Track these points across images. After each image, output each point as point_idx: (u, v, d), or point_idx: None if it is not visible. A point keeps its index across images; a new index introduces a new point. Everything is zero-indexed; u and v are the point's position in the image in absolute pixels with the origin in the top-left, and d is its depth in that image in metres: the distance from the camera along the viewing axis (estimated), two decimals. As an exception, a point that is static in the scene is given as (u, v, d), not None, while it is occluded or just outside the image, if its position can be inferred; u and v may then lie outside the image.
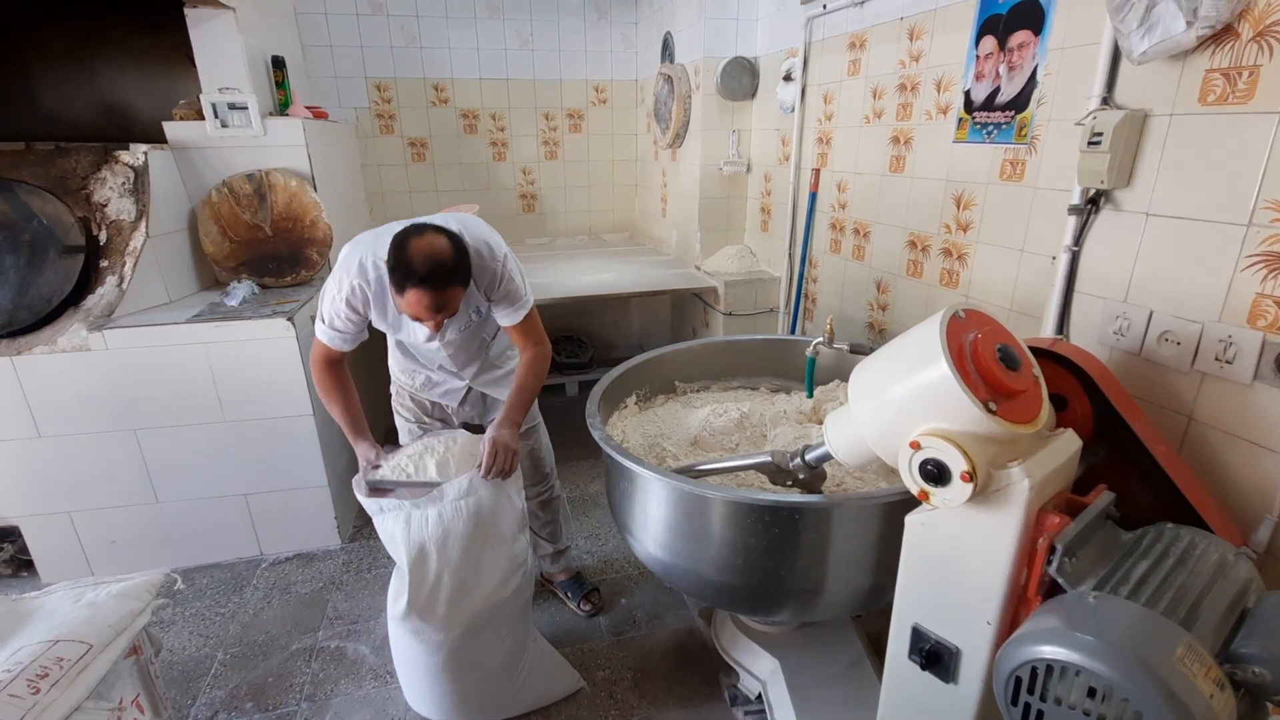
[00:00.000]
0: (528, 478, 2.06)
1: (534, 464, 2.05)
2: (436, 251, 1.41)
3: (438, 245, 1.42)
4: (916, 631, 1.08)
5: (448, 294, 1.44)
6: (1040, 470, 0.93)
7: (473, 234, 1.60)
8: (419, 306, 1.43)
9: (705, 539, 1.41)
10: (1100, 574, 0.93)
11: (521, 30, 3.72)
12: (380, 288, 1.58)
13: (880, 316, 2.34)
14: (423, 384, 1.88)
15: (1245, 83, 1.15)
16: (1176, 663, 0.77)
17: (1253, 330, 1.17)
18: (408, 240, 1.41)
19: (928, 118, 2.00)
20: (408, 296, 1.42)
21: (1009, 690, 0.88)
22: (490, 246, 1.62)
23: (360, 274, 1.56)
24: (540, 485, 2.09)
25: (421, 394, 1.90)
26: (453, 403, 1.91)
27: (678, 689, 1.88)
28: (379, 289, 1.58)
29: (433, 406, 1.93)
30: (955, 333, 0.96)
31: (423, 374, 1.86)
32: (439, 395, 1.89)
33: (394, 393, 1.96)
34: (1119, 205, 1.39)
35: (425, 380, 1.87)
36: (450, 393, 1.88)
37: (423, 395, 1.90)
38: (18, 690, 0.92)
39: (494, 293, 1.65)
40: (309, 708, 1.83)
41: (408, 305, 1.45)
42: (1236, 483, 1.23)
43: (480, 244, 1.60)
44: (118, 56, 2.88)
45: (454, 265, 1.43)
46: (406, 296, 1.42)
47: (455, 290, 1.45)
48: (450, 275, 1.43)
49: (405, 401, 1.94)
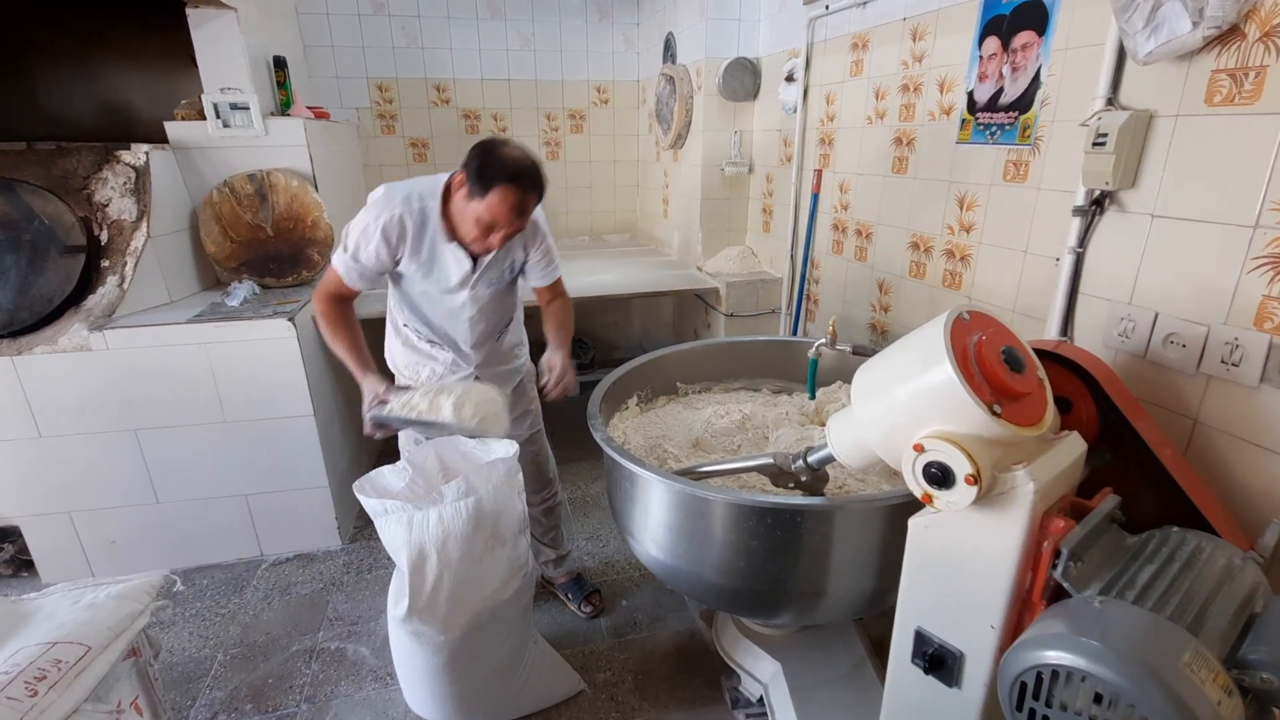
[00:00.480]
0: (531, 484, 2.05)
1: (537, 469, 2.04)
2: (525, 156, 1.49)
3: (524, 152, 1.50)
4: (920, 635, 1.07)
5: (530, 199, 1.49)
6: (1045, 473, 0.92)
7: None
8: (502, 207, 1.46)
9: (707, 541, 1.41)
10: (1106, 578, 0.93)
11: (523, 30, 3.72)
12: (422, 222, 1.57)
13: (882, 318, 2.33)
14: (428, 377, 1.84)
15: (1252, 83, 1.14)
16: (1184, 669, 0.76)
17: (1260, 333, 1.17)
18: (494, 146, 1.48)
19: (931, 118, 1.99)
20: (493, 196, 1.45)
21: (1014, 696, 0.87)
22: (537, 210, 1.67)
23: (405, 204, 1.55)
24: (544, 491, 2.08)
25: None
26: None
27: (679, 691, 1.87)
28: (421, 223, 1.57)
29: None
30: (959, 335, 0.96)
31: (429, 365, 1.83)
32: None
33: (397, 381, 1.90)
34: (1124, 206, 1.38)
35: (430, 372, 1.83)
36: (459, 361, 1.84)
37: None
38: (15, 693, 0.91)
39: (533, 248, 1.72)
40: (309, 709, 1.83)
41: (489, 207, 1.46)
42: (1243, 486, 1.23)
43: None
44: (119, 56, 2.88)
45: (538, 173, 1.50)
46: (491, 196, 1.45)
47: (534, 199, 1.51)
48: (536, 180, 1.49)
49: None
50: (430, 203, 1.57)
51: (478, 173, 1.46)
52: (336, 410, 2.58)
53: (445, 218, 1.59)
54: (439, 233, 1.60)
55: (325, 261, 2.66)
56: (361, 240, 1.57)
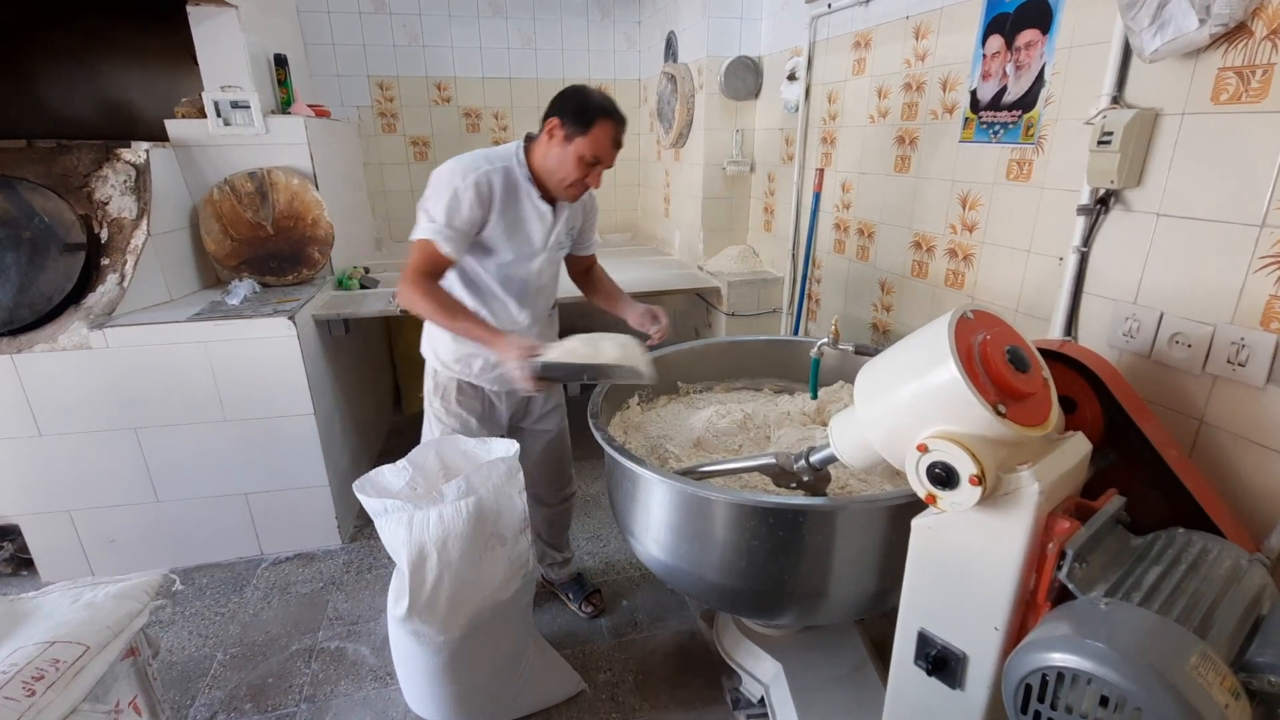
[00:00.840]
0: (555, 482, 2.05)
1: (561, 465, 2.04)
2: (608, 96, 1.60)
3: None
4: (923, 636, 1.07)
5: (622, 131, 1.61)
6: (1050, 474, 0.91)
7: None
8: (605, 140, 1.57)
9: (708, 541, 1.40)
10: (1111, 580, 0.92)
11: (525, 29, 3.71)
12: (507, 179, 1.61)
13: (884, 317, 2.32)
14: (482, 367, 1.77)
15: (1259, 81, 1.14)
16: (1191, 671, 0.75)
17: (1266, 333, 1.16)
18: (583, 89, 1.60)
19: (933, 117, 1.98)
20: (596, 130, 1.55)
21: (1019, 698, 0.86)
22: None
23: (488, 163, 1.60)
24: (566, 489, 2.09)
25: (481, 379, 1.79)
26: (507, 386, 1.83)
27: (680, 692, 1.86)
28: (506, 180, 1.61)
29: (483, 404, 1.84)
30: (964, 334, 0.95)
31: (481, 357, 1.75)
32: (492, 379, 1.79)
33: (437, 394, 1.84)
34: (1129, 205, 1.38)
35: (484, 363, 1.76)
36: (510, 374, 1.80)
37: (481, 382, 1.80)
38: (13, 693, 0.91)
39: (590, 215, 1.84)
40: (308, 709, 1.82)
41: (593, 141, 1.55)
42: (1249, 487, 1.22)
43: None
44: (120, 54, 2.88)
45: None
46: (595, 131, 1.55)
47: (624, 132, 1.62)
48: (623, 116, 1.61)
49: (451, 400, 1.82)
50: (510, 162, 1.63)
51: (579, 112, 1.55)
52: (337, 409, 2.57)
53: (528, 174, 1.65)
54: (523, 189, 1.64)
55: (326, 260, 2.65)
56: (452, 205, 1.56)
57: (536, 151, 1.63)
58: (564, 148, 1.57)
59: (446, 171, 1.59)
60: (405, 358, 3.59)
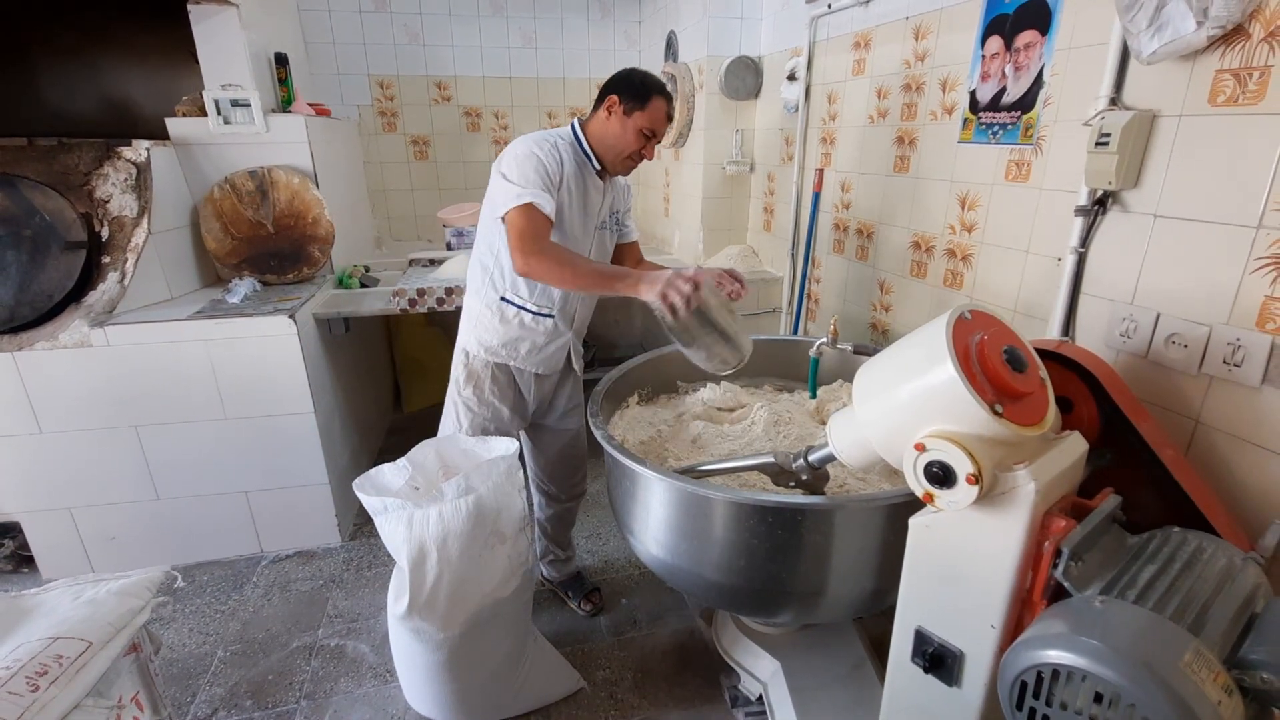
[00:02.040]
0: (571, 479, 2.07)
1: (576, 463, 2.07)
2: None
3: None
4: (920, 634, 1.07)
5: (672, 107, 1.73)
6: (1046, 473, 0.92)
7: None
8: (659, 114, 1.68)
9: (707, 540, 1.41)
10: (1106, 578, 0.93)
11: (525, 28, 3.72)
12: (571, 151, 1.69)
13: (883, 317, 2.33)
14: (527, 350, 1.77)
15: (1256, 83, 1.14)
16: (1184, 668, 0.76)
17: (1262, 333, 1.17)
18: (636, 70, 1.72)
19: (933, 118, 1.99)
20: (653, 105, 1.67)
21: (1014, 695, 0.87)
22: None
23: (554, 137, 1.68)
24: (578, 487, 2.11)
25: (525, 362, 1.79)
26: (550, 370, 1.84)
27: (678, 690, 1.87)
28: (571, 152, 1.69)
29: (515, 394, 1.84)
30: (961, 334, 0.96)
31: (529, 337, 1.76)
32: (538, 361, 1.79)
33: (470, 382, 1.80)
34: (1126, 206, 1.38)
35: (530, 345, 1.76)
36: (550, 358, 1.82)
37: (526, 366, 1.79)
38: (17, 688, 0.91)
39: (629, 200, 1.92)
40: (308, 706, 1.83)
41: (650, 114, 1.67)
42: (1244, 487, 1.23)
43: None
44: (121, 53, 2.88)
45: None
46: (651, 105, 1.66)
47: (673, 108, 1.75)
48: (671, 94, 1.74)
49: (484, 392, 1.80)
50: (571, 138, 1.72)
51: (638, 88, 1.67)
52: (337, 407, 2.58)
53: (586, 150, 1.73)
54: (583, 162, 1.72)
55: (326, 259, 2.66)
56: (539, 168, 1.59)
57: (593, 128, 1.72)
58: (624, 121, 1.68)
59: (522, 144, 1.64)
60: (405, 356, 3.60)
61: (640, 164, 1.78)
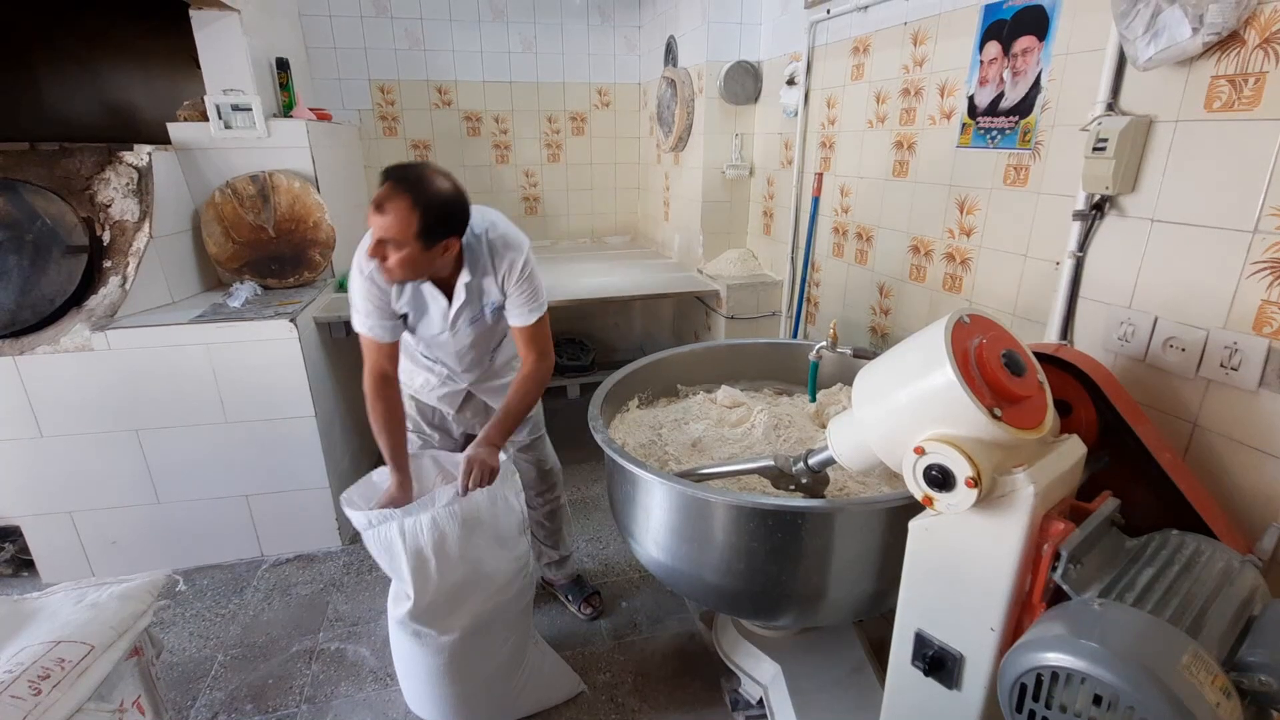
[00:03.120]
0: (534, 487, 2.06)
1: (540, 475, 2.05)
2: (432, 174, 1.45)
3: (438, 175, 1.47)
4: (920, 637, 1.08)
5: (396, 199, 1.39)
6: (1045, 476, 0.93)
7: (504, 230, 1.65)
8: (373, 200, 1.42)
9: (707, 543, 1.41)
10: (1105, 581, 0.93)
11: (525, 33, 3.73)
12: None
13: (883, 321, 2.34)
14: (421, 385, 1.88)
15: (1251, 89, 1.15)
16: (1182, 671, 0.76)
17: (1258, 337, 1.17)
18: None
19: (931, 123, 2.00)
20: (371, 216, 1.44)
21: (1014, 697, 0.87)
22: (517, 241, 1.65)
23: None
24: (548, 494, 2.09)
25: (421, 396, 1.90)
26: (450, 409, 1.91)
27: (679, 693, 1.87)
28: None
29: (433, 413, 1.93)
30: (960, 338, 0.96)
31: (422, 374, 1.86)
32: (437, 399, 1.89)
33: (409, 400, 1.93)
34: (1124, 211, 1.39)
35: (424, 382, 1.87)
36: (448, 397, 1.88)
37: (423, 398, 1.90)
38: (19, 691, 0.92)
39: (510, 284, 1.64)
40: (309, 710, 1.83)
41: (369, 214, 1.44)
42: (1242, 490, 1.23)
43: (508, 237, 1.64)
44: (123, 57, 2.89)
45: (417, 178, 1.42)
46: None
47: (401, 199, 1.39)
48: (409, 181, 1.40)
49: (412, 411, 1.93)
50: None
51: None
52: (337, 411, 2.58)
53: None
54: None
55: (327, 263, 2.67)
56: (360, 293, 1.60)
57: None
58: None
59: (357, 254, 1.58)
60: (405, 360, 3.60)
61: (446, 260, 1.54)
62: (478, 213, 1.62)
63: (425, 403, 1.92)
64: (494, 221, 1.65)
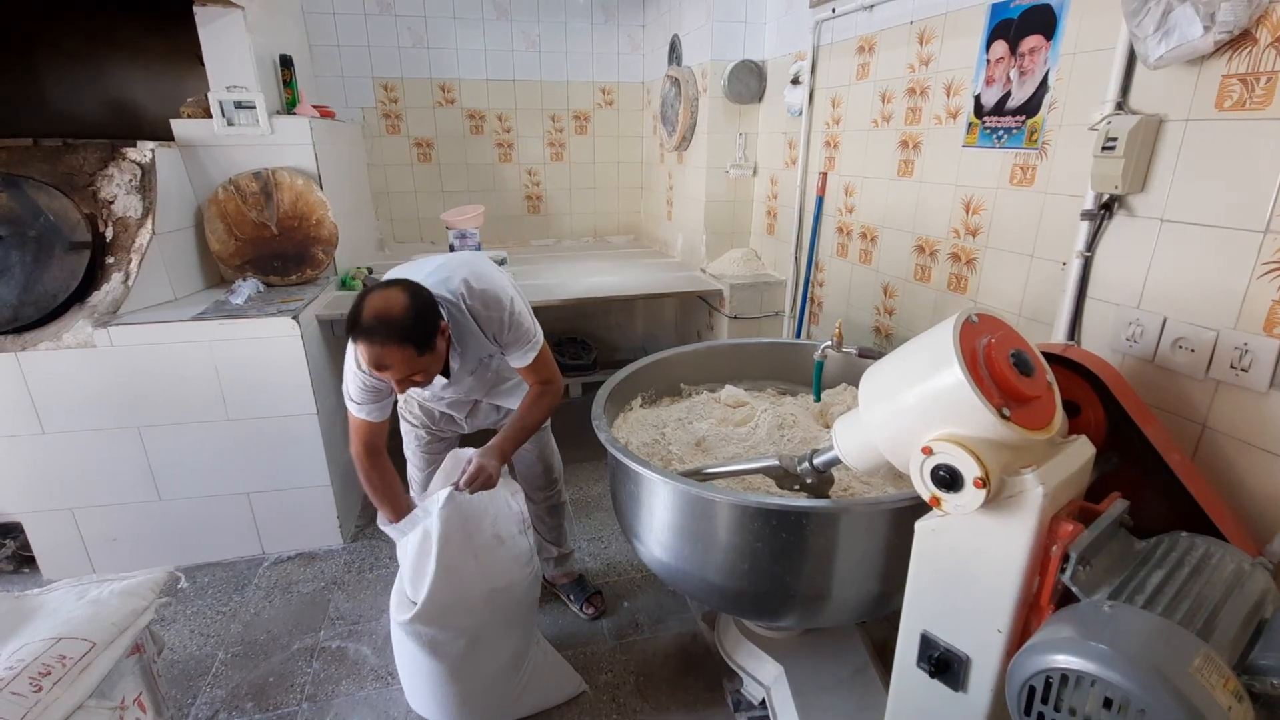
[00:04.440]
0: (535, 483, 2.06)
1: (543, 468, 2.05)
2: (388, 307, 1.39)
3: (392, 301, 1.39)
4: (925, 639, 1.07)
5: (386, 350, 1.38)
6: (1054, 477, 0.92)
7: (479, 287, 1.58)
8: (365, 359, 1.41)
9: (711, 543, 1.40)
10: (1114, 583, 0.92)
11: (529, 32, 3.73)
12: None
13: (887, 321, 2.33)
14: (430, 395, 1.85)
15: (1263, 88, 1.14)
16: (1194, 674, 0.75)
17: (1269, 338, 1.16)
18: (370, 292, 1.42)
19: (937, 122, 1.99)
20: (356, 347, 1.43)
21: (1022, 700, 0.86)
22: (496, 294, 1.60)
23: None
24: (548, 490, 2.08)
25: (430, 403, 1.89)
26: (460, 414, 1.90)
27: (681, 694, 1.86)
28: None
29: (441, 416, 1.93)
30: (968, 338, 0.95)
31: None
32: (446, 405, 1.88)
33: (400, 399, 1.94)
34: (1133, 211, 1.38)
35: (431, 394, 1.83)
36: (456, 404, 1.87)
37: (430, 404, 1.89)
38: (20, 688, 0.91)
39: (503, 338, 1.64)
40: (310, 708, 1.82)
41: (362, 357, 1.43)
42: (1251, 492, 1.22)
43: (486, 295, 1.59)
44: (126, 54, 2.89)
45: (400, 323, 1.38)
46: (357, 347, 1.42)
47: (396, 349, 1.39)
48: (392, 331, 1.38)
49: (413, 409, 1.93)
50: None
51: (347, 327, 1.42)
52: (339, 409, 2.57)
53: None
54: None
55: (330, 260, 2.66)
56: (354, 382, 1.60)
57: None
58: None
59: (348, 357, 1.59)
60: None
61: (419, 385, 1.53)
62: (444, 274, 1.57)
63: (433, 409, 1.91)
64: (465, 280, 1.58)
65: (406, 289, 1.43)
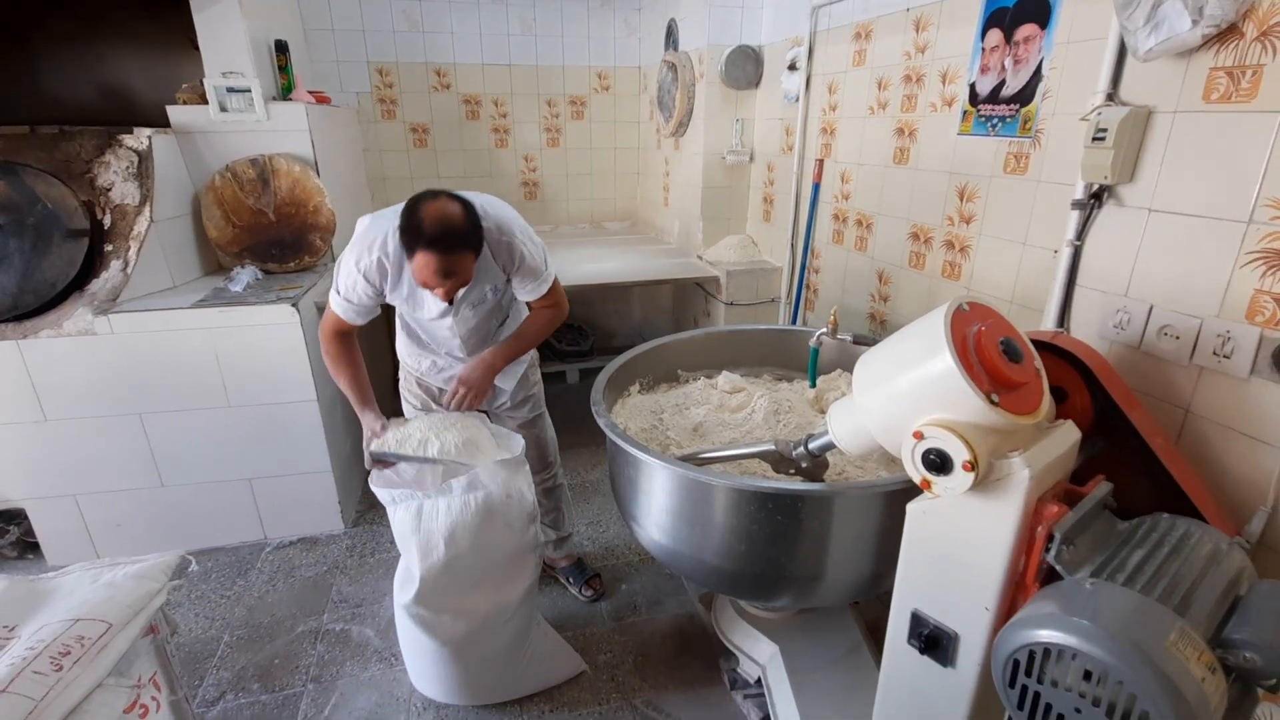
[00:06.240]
0: (532, 465, 2.08)
1: (539, 452, 2.07)
2: (447, 215, 1.44)
3: (449, 209, 1.45)
4: (916, 617, 1.11)
5: (455, 258, 1.45)
6: (1040, 460, 0.95)
7: (493, 212, 1.63)
8: (427, 271, 1.45)
9: (708, 525, 1.44)
10: (1097, 561, 0.96)
11: (525, 15, 3.70)
12: (400, 261, 1.59)
13: (881, 308, 2.36)
14: (429, 368, 1.89)
15: (1248, 82, 1.17)
16: (1170, 647, 0.79)
17: (1251, 325, 1.19)
18: (420, 203, 1.45)
19: (932, 110, 2.01)
20: (416, 260, 1.45)
21: (1007, 673, 0.90)
22: (509, 223, 1.65)
23: (383, 247, 1.58)
24: (544, 473, 2.11)
25: (428, 379, 1.92)
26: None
27: (678, 673, 1.91)
28: (399, 262, 1.59)
29: (440, 392, 1.95)
30: (959, 325, 0.98)
31: (429, 358, 1.88)
32: (445, 380, 1.90)
33: (401, 377, 1.98)
34: (1122, 200, 1.41)
35: (431, 364, 1.89)
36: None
37: (430, 380, 1.92)
38: (42, 667, 0.94)
39: (513, 269, 1.67)
40: (315, 689, 1.86)
41: (416, 269, 1.47)
42: (1232, 474, 1.26)
43: (500, 221, 1.63)
44: (121, 40, 2.87)
45: (464, 230, 1.45)
46: (415, 260, 1.46)
47: (463, 256, 1.47)
48: (459, 240, 1.44)
49: (412, 387, 1.96)
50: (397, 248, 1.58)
51: (402, 233, 1.46)
52: (339, 395, 2.59)
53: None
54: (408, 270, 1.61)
55: (328, 247, 2.67)
56: (348, 284, 1.61)
57: None
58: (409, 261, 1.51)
59: (357, 236, 1.60)
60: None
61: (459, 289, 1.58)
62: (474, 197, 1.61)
63: (432, 385, 1.93)
64: (482, 205, 1.60)
65: (452, 197, 1.49)
